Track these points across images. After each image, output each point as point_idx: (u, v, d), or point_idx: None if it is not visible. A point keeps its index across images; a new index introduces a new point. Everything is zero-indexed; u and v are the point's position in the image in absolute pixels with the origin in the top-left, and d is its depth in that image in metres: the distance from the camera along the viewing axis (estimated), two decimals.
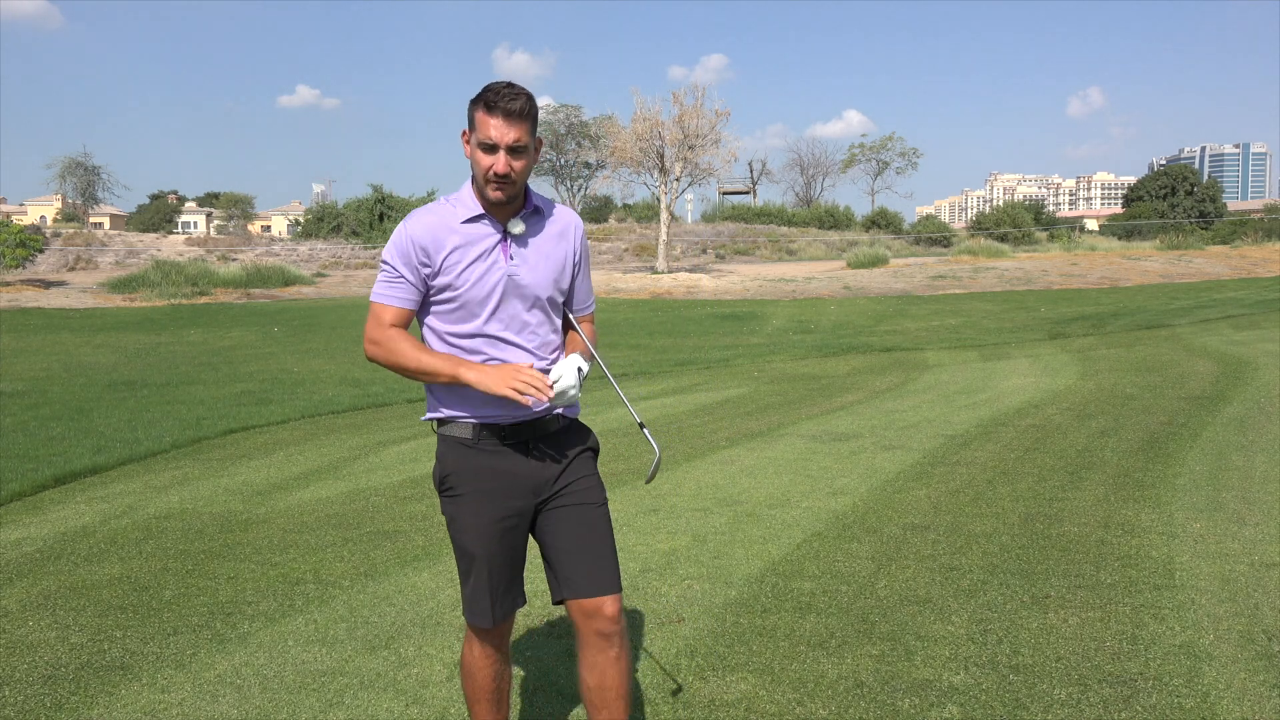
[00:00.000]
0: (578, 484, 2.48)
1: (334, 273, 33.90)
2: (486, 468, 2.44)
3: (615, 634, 2.42)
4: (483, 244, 2.40)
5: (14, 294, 25.25)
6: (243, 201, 61.45)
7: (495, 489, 2.44)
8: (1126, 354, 12.67)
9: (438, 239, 2.39)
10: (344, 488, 6.33)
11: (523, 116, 2.30)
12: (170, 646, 3.73)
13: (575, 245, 2.54)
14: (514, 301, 2.43)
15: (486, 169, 2.32)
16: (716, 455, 7.05)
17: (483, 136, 2.30)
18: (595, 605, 2.40)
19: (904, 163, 68.28)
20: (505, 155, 2.30)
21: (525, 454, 2.45)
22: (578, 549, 2.43)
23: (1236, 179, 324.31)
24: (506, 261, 2.41)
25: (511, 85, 2.32)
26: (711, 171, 32.96)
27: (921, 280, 26.58)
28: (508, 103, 2.29)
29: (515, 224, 2.42)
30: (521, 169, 2.34)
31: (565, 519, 2.46)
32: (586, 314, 2.65)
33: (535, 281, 2.44)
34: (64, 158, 55.23)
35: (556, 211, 2.53)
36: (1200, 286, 24.27)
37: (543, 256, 2.46)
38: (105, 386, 11.66)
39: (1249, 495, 5.55)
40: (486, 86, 2.33)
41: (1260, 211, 57.56)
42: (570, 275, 2.54)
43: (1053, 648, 3.53)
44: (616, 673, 2.42)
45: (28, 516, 5.82)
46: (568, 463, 2.49)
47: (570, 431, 2.54)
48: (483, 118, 2.31)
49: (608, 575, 2.43)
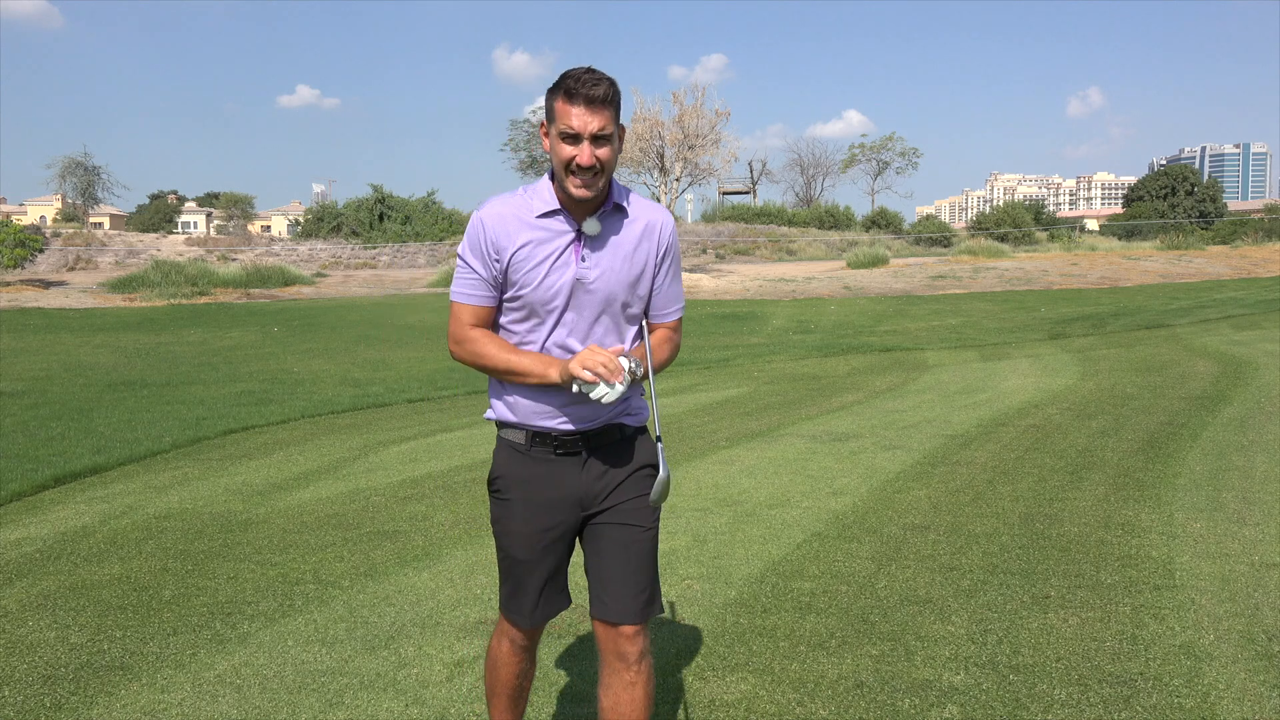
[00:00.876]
0: (628, 505, 2.36)
1: (334, 273, 33.91)
2: (536, 476, 2.35)
3: (634, 658, 2.33)
4: (554, 242, 2.25)
5: (14, 294, 25.25)
6: (243, 201, 61.41)
7: (542, 499, 2.36)
8: (1126, 354, 12.67)
9: (509, 231, 2.25)
10: (344, 488, 6.33)
11: (606, 103, 2.15)
12: (170, 646, 3.73)
13: (661, 245, 2.35)
14: (582, 308, 2.28)
15: (568, 160, 2.16)
16: (716, 455, 7.05)
17: (563, 126, 2.15)
18: (618, 628, 2.33)
19: (904, 163, 68.28)
20: (589, 145, 2.15)
21: (579, 467, 2.35)
22: (612, 572, 2.34)
23: (1237, 179, 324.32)
24: (577, 263, 2.26)
25: (592, 70, 2.17)
26: (711, 171, 32.99)
27: (921, 280, 26.58)
28: (589, 89, 2.13)
29: (591, 223, 2.25)
30: (607, 159, 2.18)
31: (608, 538, 2.36)
32: (669, 321, 2.44)
33: (606, 286, 2.28)
34: (64, 158, 55.25)
35: (642, 208, 2.35)
36: (1200, 286, 24.27)
37: (620, 259, 2.29)
38: (105, 386, 11.66)
39: (1249, 495, 5.55)
40: (565, 74, 2.17)
41: (1260, 211, 57.53)
42: (651, 279, 2.35)
43: (1053, 648, 3.53)
44: (630, 698, 2.33)
45: (28, 516, 5.82)
46: (621, 480, 2.37)
47: (630, 446, 2.39)
48: (563, 106, 2.15)
49: (636, 603, 2.33)
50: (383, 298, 25.28)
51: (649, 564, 2.38)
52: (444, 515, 5.57)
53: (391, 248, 39.92)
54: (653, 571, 2.39)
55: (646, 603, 2.36)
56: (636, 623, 2.33)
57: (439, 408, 10.01)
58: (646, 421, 2.47)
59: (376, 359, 14.50)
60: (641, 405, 2.47)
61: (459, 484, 6.33)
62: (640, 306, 2.37)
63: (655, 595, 2.39)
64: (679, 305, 2.45)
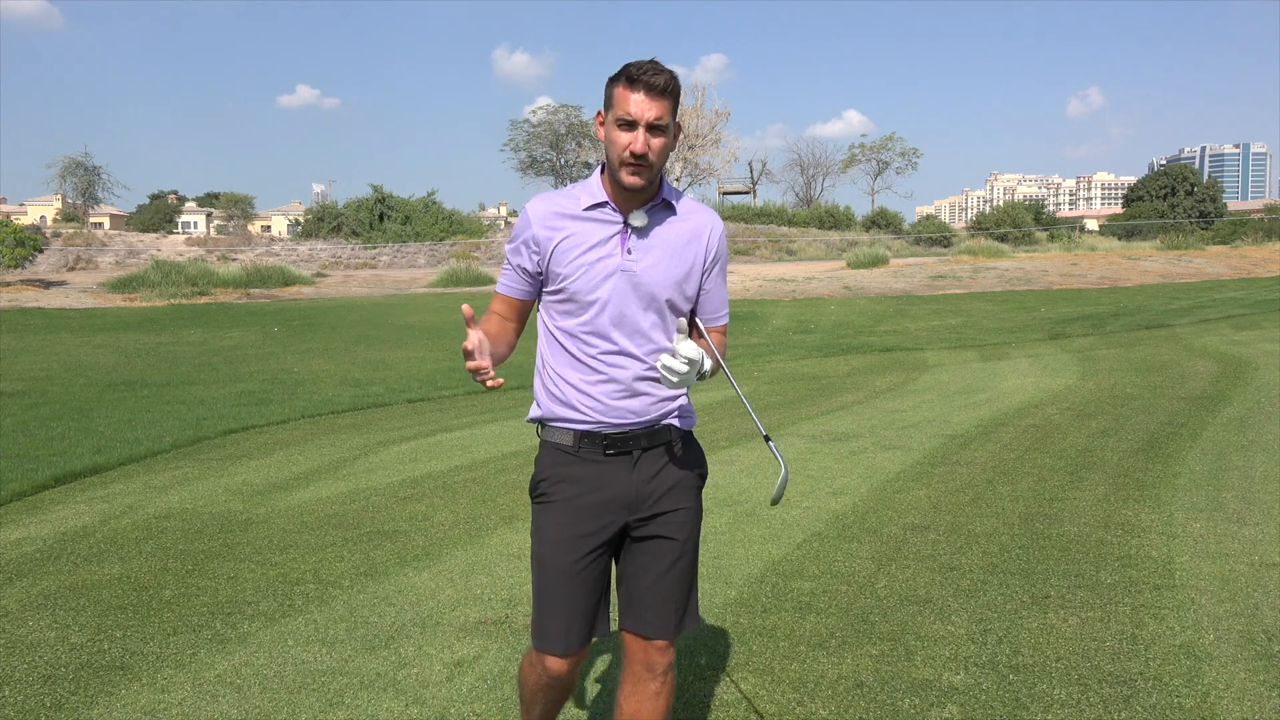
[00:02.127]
0: (671, 516, 2.31)
1: (334, 273, 33.91)
2: (583, 477, 2.28)
3: (661, 670, 2.31)
4: (600, 233, 2.24)
5: (14, 294, 25.25)
6: (243, 201, 61.40)
7: (589, 501, 2.27)
8: (1126, 354, 12.67)
9: (553, 224, 2.25)
10: (344, 488, 6.33)
11: (666, 93, 2.15)
12: (170, 646, 3.73)
13: (710, 248, 2.32)
14: (627, 300, 2.24)
15: (624, 147, 2.15)
16: (716, 455, 7.05)
17: (621, 112, 2.15)
18: (651, 642, 2.31)
19: (904, 163, 68.36)
20: (645, 133, 2.15)
21: (629, 467, 2.28)
22: (649, 585, 2.29)
23: (1236, 179, 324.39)
24: (623, 255, 2.24)
25: (656, 62, 2.17)
26: (711, 171, 33.11)
27: (921, 280, 26.58)
28: (651, 77, 2.14)
29: (637, 215, 2.24)
30: (660, 150, 2.17)
31: (647, 551, 2.31)
32: (718, 325, 2.42)
33: (653, 280, 2.24)
34: (64, 158, 55.24)
35: (693, 208, 2.34)
36: (1200, 286, 24.27)
37: (667, 255, 2.26)
38: (105, 386, 11.66)
39: (1249, 495, 5.55)
40: (628, 63, 2.17)
41: (1260, 211, 57.53)
42: (699, 280, 2.33)
43: (1053, 648, 3.53)
44: (652, 708, 2.30)
45: (28, 516, 5.82)
46: (669, 487, 2.32)
47: (680, 448, 2.35)
48: (623, 92, 2.15)
49: (672, 618, 2.30)
50: (383, 298, 25.28)
51: (688, 579, 2.34)
52: (444, 515, 5.57)
53: (391, 248, 39.92)
54: (691, 586, 2.36)
55: (681, 617, 2.33)
56: (671, 638, 2.31)
57: (439, 408, 10.01)
58: (694, 428, 2.44)
59: (376, 359, 14.50)
60: (691, 410, 2.42)
61: (459, 484, 6.33)
62: (687, 306, 2.33)
63: (692, 610, 2.36)
64: (726, 311, 2.44)
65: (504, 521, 5.38)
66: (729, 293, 2.85)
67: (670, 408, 2.33)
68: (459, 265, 31.37)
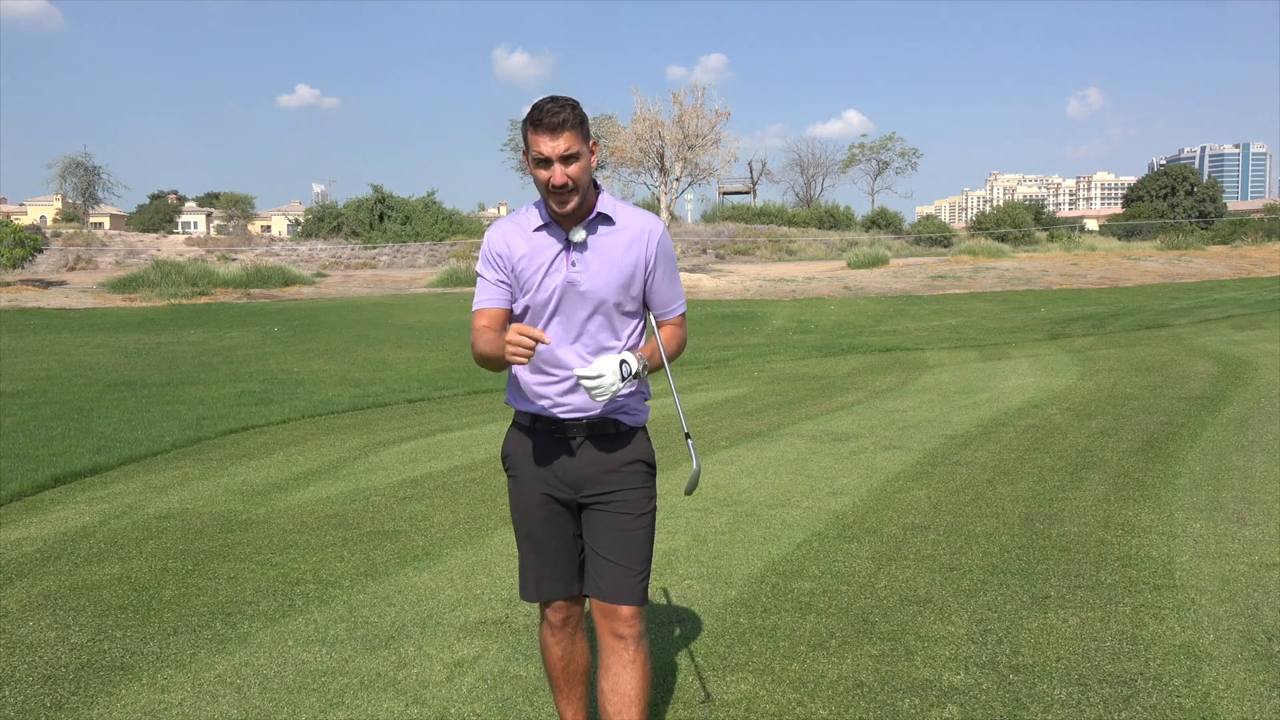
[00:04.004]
0: (621, 494, 2.54)
1: (334, 273, 33.90)
2: (537, 449, 2.58)
3: (631, 637, 2.50)
4: (547, 252, 2.50)
5: (14, 294, 25.24)
6: (243, 201, 61.38)
7: (542, 473, 2.58)
8: (1126, 354, 12.67)
9: (511, 245, 2.53)
10: (344, 488, 6.33)
11: (566, 126, 2.39)
12: (170, 646, 3.73)
13: (648, 250, 2.54)
14: (574, 307, 2.50)
15: (545, 182, 2.42)
16: (716, 455, 7.05)
17: (535, 152, 2.41)
18: (613, 608, 2.50)
19: (904, 163, 68.22)
20: (559, 166, 2.40)
21: (572, 452, 2.55)
22: (609, 556, 2.52)
23: (1236, 179, 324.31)
24: (568, 269, 2.49)
25: (555, 99, 2.42)
26: (711, 171, 32.99)
27: (921, 280, 26.58)
28: (551, 117, 2.38)
29: (576, 232, 2.49)
30: (578, 175, 2.41)
31: (603, 524, 2.54)
32: (672, 318, 2.65)
33: (597, 287, 2.49)
34: (64, 158, 55.17)
35: (630, 217, 2.56)
36: (1200, 286, 24.27)
37: (608, 263, 2.50)
38: (105, 386, 11.66)
39: (1249, 495, 5.55)
40: (533, 105, 2.42)
41: (1260, 211, 57.53)
42: (643, 282, 2.56)
43: (1053, 648, 3.53)
44: (630, 676, 2.48)
45: (28, 516, 5.82)
46: (613, 471, 2.55)
47: (624, 440, 2.58)
48: (533, 136, 2.41)
49: (631, 586, 2.51)
50: (383, 298, 25.28)
51: (644, 548, 2.55)
52: (444, 515, 5.57)
53: (391, 248, 39.91)
54: (647, 556, 2.56)
55: (642, 584, 2.53)
56: (633, 604, 2.50)
57: (439, 408, 10.01)
58: (644, 424, 2.65)
59: (376, 359, 14.50)
60: (640, 408, 2.63)
61: (459, 484, 6.34)
62: (634, 305, 2.57)
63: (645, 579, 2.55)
64: (680, 302, 2.66)
65: (504, 521, 5.38)
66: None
67: (615, 405, 2.56)
68: (459, 265, 31.35)
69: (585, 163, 2.44)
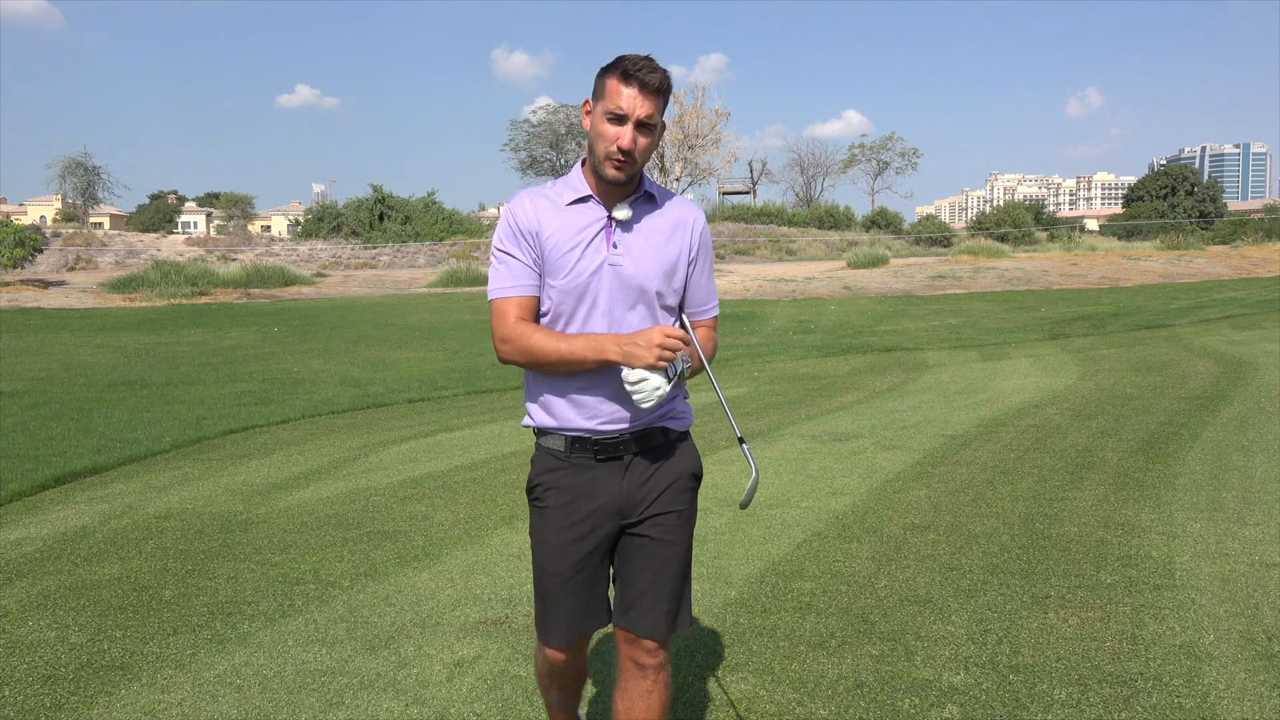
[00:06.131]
0: (664, 518, 2.30)
1: (334, 273, 33.91)
2: (575, 485, 2.28)
3: (653, 668, 2.31)
4: (586, 229, 2.22)
5: (14, 294, 25.24)
6: (243, 201, 61.40)
7: (580, 508, 2.28)
8: (1126, 354, 12.66)
9: (541, 219, 2.22)
10: (344, 488, 6.33)
11: (659, 92, 2.14)
12: (170, 646, 3.73)
13: (693, 239, 2.30)
14: (615, 294, 2.22)
15: (612, 140, 2.14)
16: (716, 455, 7.05)
17: (612, 105, 2.13)
18: (640, 642, 2.31)
19: (904, 163, 68.26)
20: (633, 130, 2.13)
21: (620, 472, 2.28)
22: (642, 586, 2.29)
23: (1236, 179, 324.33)
24: (609, 249, 2.22)
25: (650, 59, 2.15)
26: (711, 171, 33.13)
27: (921, 280, 26.57)
28: (646, 74, 2.12)
29: (621, 209, 2.22)
30: (645, 148, 2.16)
31: (641, 551, 2.30)
32: (706, 318, 2.40)
33: (640, 273, 2.22)
34: (64, 158, 55.30)
35: (674, 201, 2.33)
36: (1200, 286, 24.27)
37: (652, 247, 2.25)
38: (105, 386, 11.66)
39: (1249, 495, 5.55)
40: (622, 56, 2.15)
41: (1260, 211, 57.52)
42: (685, 273, 2.31)
43: (1053, 648, 3.53)
44: (645, 706, 2.30)
45: (28, 516, 5.82)
46: (662, 489, 2.30)
47: (672, 451, 2.34)
48: (616, 86, 2.13)
49: (661, 619, 2.29)
50: (383, 298, 25.27)
51: (680, 580, 2.33)
52: (444, 515, 5.57)
53: (391, 248, 39.91)
54: (683, 587, 2.35)
55: (673, 619, 2.32)
56: (660, 639, 2.30)
57: (439, 408, 10.01)
58: (690, 427, 2.41)
59: (376, 359, 14.49)
60: (686, 410, 2.40)
61: (459, 484, 6.33)
62: (675, 299, 2.31)
63: (684, 610, 2.36)
64: (715, 302, 2.42)
65: (504, 521, 5.38)
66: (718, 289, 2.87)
67: (663, 410, 2.30)
68: (459, 265, 31.37)
69: (655, 140, 2.19)
